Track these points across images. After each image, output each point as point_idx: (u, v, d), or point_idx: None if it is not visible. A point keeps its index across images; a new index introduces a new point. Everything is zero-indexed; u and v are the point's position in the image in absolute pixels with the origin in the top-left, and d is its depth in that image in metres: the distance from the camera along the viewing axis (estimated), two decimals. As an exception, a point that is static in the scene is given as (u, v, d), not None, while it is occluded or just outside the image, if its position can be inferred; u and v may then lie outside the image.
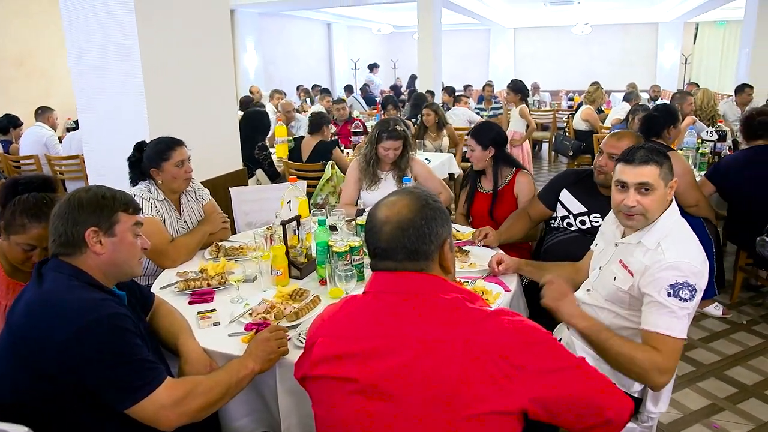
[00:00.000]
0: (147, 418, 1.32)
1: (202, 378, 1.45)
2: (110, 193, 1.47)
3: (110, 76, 2.93)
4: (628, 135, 2.39)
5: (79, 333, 1.26)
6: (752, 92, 6.51)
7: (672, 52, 15.22)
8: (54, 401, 1.30)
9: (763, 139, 3.19)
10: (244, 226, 3.15)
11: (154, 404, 1.31)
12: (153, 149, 2.40)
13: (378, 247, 1.17)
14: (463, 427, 1.04)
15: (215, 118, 3.44)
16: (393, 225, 1.15)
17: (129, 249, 1.47)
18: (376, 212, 1.20)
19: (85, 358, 1.26)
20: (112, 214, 1.43)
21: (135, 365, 1.31)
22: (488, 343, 1.06)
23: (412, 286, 1.15)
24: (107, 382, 1.28)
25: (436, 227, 1.17)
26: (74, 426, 1.34)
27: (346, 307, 1.23)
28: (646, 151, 1.71)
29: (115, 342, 1.29)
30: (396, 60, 17.21)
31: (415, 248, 1.15)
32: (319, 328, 1.23)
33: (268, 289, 2.04)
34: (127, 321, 1.34)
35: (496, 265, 2.11)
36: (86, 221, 1.40)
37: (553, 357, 1.09)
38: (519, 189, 2.87)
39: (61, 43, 3.12)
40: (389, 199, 1.21)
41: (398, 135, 2.97)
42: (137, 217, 1.51)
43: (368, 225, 1.21)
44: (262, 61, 12.25)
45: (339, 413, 1.14)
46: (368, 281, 1.22)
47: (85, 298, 1.32)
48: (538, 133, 9.03)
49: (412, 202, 1.17)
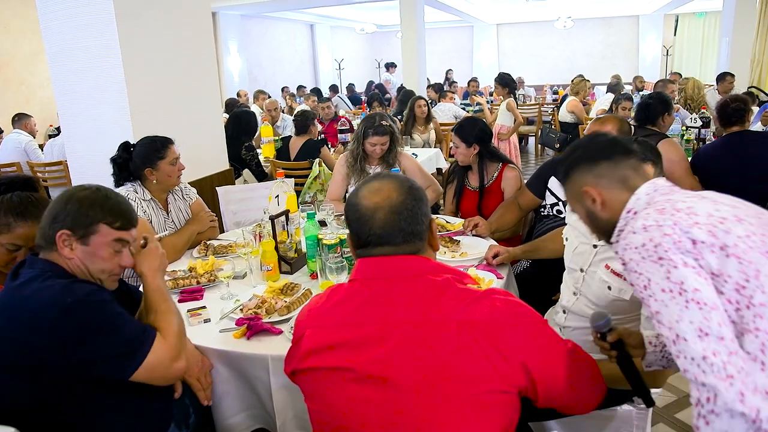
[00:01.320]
0: (156, 377, 1.35)
1: (173, 320, 1.46)
2: (100, 201, 1.40)
3: (91, 78, 2.90)
4: (612, 119, 2.39)
5: (63, 316, 1.24)
6: (733, 80, 6.59)
7: (653, 44, 15.35)
8: (37, 400, 1.28)
9: (738, 125, 3.22)
10: (232, 225, 3.13)
11: (157, 360, 1.34)
12: (146, 148, 2.37)
13: (372, 234, 1.15)
14: (461, 406, 1.03)
15: (200, 118, 3.41)
16: (386, 210, 1.14)
17: (100, 262, 1.40)
18: (360, 201, 1.17)
19: (75, 339, 1.25)
20: (90, 224, 1.38)
21: (125, 330, 1.32)
22: (482, 323, 1.06)
23: (401, 270, 1.13)
24: (104, 355, 1.28)
25: (424, 207, 1.18)
26: (61, 422, 1.32)
27: (333, 296, 1.20)
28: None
29: (100, 315, 1.29)
30: (380, 59, 17.20)
31: (412, 230, 1.14)
32: (307, 320, 1.20)
33: (258, 284, 2.02)
34: (106, 294, 1.34)
35: (492, 258, 2.11)
36: (63, 222, 1.36)
37: (546, 336, 1.12)
38: (506, 184, 2.86)
39: (40, 50, 3.08)
40: (372, 186, 1.19)
41: (384, 130, 2.95)
42: (122, 234, 1.42)
43: (355, 214, 1.17)
44: (246, 64, 12.18)
45: (334, 404, 1.12)
46: (354, 268, 1.19)
47: (58, 284, 1.30)
48: (524, 127, 9.06)
49: (398, 186, 1.17)
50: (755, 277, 1.02)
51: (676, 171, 3.07)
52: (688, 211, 1.11)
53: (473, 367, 1.04)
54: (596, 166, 1.29)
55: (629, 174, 1.26)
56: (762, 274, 1.02)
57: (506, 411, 1.07)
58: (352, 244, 1.21)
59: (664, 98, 3.43)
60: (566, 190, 1.38)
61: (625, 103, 5.00)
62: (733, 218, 1.09)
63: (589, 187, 1.28)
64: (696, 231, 1.06)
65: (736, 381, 0.96)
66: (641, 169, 1.29)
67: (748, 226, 1.08)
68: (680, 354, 1.01)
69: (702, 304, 1.00)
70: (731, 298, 1.03)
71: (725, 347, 0.98)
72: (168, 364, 1.37)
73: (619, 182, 1.26)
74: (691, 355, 0.99)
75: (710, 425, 0.97)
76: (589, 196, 1.29)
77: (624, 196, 1.24)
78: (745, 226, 1.08)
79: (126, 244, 1.45)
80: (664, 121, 3.36)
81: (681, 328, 1.01)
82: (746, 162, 3.07)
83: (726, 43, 8.74)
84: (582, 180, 1.30)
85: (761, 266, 1.02)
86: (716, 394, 0.96)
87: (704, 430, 0.99)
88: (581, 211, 1.35)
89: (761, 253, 1.04)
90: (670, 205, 1.14)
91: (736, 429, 0.95)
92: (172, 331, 1.43)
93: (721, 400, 0.96)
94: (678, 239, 1.06)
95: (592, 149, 1.32)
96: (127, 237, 1.44)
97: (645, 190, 1.23)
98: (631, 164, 1.28)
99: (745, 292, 1.02)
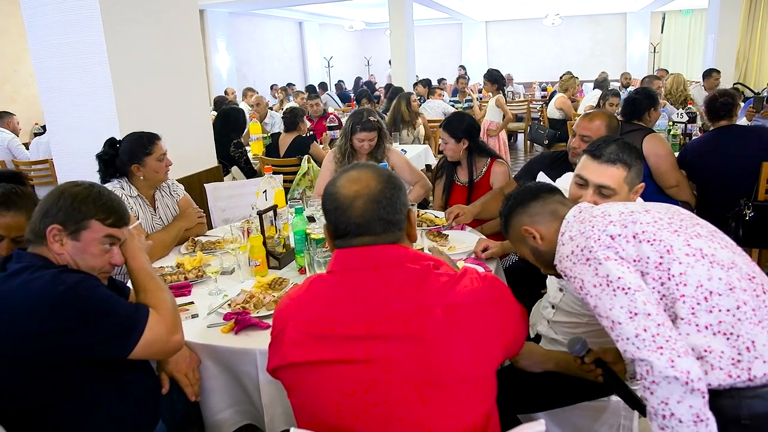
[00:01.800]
0: (155, 351, 1.36)
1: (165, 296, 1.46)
2: (93, 197, 1.39)
3: (76, 75, 2.87)
4: (600, 115, 2.39)
5: (56, 305, 1.23)
6: (719, 77, 6.64)
7: (641, 42, 15.46)
8: (25, 392, 1.27)
9: (726, 119, 3.24)
10: (220, 222, 3.11)
11: (154, 335, 1.34)
12: (133, 144, 2.35)
13: (351, 223, 1.13)
14: (448, 394, 1.05)
15: (188, 116, 3.39)
16: (365, 199, 1.12)
17: (90, 259, 1.39)
18: (339, 190, 1.14)
19: (70, 326, 1.24)
20: (82, 219, 1.37)
21: (119, 311, 1.32)
22: (465, 305, 1.09)
23: (380, 260, 1.12)
24: (102, 337, 1.28)
25: (402, 196, 1.18)
26: (47, 418, 1.31)
27: (313, 288, 1.16)
28: (617, 147, 1.61)
29: (93, 299, 1.28)
30: (369, 57, 17.19)
31: (390, 219, 1.14)
32: (286, 312, 1.16)
33: (246, 280, 2.01)
34: (95, 280, 1.34)
35: (481, 252, 2.11)
36: (55, 217, 1.35)
37: (515, 311, 1.21)
38: (495, 179, 2.86)
39: (25, 48, 3.04)
40: (350, 175, 1.17)
41: (372, 126, 2.94)
42: (114, 231, 1.41)
43: (333, 204, 1.14)
44: (234, 62, 12.12)
45: (318, 398, 1.10)
46: (332, 259, 1.17)
47: (51, 273, 1.29)
48: (513, 123, 9.09)
49: (377, 175, 1.16)
50: (668, 252, 1.18)
51: (663, 165, 3.10)
52: (603, 214, 1.28)
53: (460, 351, 1.05)
54: (528, 207, 1.45)
55: (557, 207, 1.42)
56: (674, 248, 1.18)
57: (490, 393, 1.11)
58: (330, 235, 1.19)
59: (651, 93, 3.45)
60: (509, 236, 1.51)
61: (612, 99, 5.03)
62: (641, 210, 1.28)
63: (527, 226, 1.43)
64: (611, 228, 1.23)
65: (666, 350, 1.09)
66: (567, 201, 1.47)
67: (655, 213, 1.27)
68: (618, 337, 1.14)
69: (626, 289, 1.15)
70: (654, 276, 1.17)
71: (653, 321, 1.12)
72: (166, 338, 1.38)
73: (551, 215, 1.42)
74: (626, 336, 1.12)
75: (654, 394, 1.10)
76: (529, 233, 1.43)
77: (558, 227, 1.38)
78: (652, 214, 1.26)
79: (117, 241, 1.44)
80: (651, 116, 3.38)
81: (614, 314, 1.15)
82: (734, 156, 3.10)
83: (712, 40, 8.82)
84: (519, 222, 1.45)
85: (672, 242, 1.19)
86: (651, 366, 1.08)
87: (651, 399, 1.11)
88: (526, 252, 1.48)
89: (670, 233, 1.21)
90: (588, 214, 1.32)
91: (675, 393, 1.08)
92: (166, 306, 1.43)
93: (656, 370, 1.08)
94: (597, 237, 1.22)
95: (521, 195, 1.48)
96: (119, 234, 1.43)
97: (572, 213, 1.38)
98: (557, 199, 1.45)
99: (662, 267, 1.17)
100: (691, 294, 1.15)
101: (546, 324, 1.84)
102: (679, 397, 1.07)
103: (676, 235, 1.21)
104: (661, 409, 1.09)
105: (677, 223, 1.25)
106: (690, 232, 1.23)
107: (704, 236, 1.24)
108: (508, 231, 1.50)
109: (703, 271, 1.16)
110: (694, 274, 1.16)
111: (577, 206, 1.40)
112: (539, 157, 2.71)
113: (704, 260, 1.18)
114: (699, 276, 1.16)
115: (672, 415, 1.08)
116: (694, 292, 1.15)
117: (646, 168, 3.12)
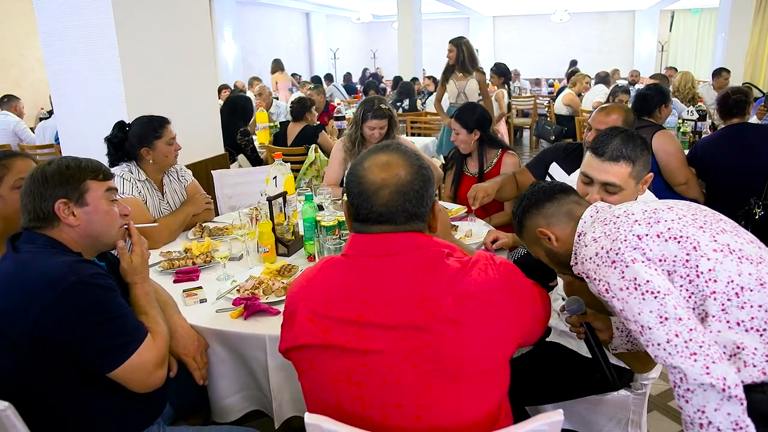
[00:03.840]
0: (134, 379, 1.30)
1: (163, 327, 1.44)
2: (75, 162, 1.40)
3: (85, 58, 2.85)
4: (617, 109, 2.36)
5: (63, 295, 1.21)
6: (729, 76, 6.60)
7: (649, 40, 15.38)
8: (35, 374, 1.26)
9: (738, 117, 3.22)
10: (227, 209, 3.10)
11: (141, 361, 1.30)
12: (143, 127, 2.33)
13: (374, 211, 1.09)
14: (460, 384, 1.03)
15: (196, 102, 3.38)
16: (391, 189, 1.08)
17: (105, 217, 1.41)
18: (366, 174, 1.10)
19: (70, 320, 1.22)
20: (79, 184, 1.37)
21: (118, 323, 1.29)
22: (478, 294, 1.06)
23: (393, 247, 1.10)
24: (91, 344, 1.25)
25: (431, 189, 1.14)
26: (56, 400, 1.30)
27: (326, 271, 1.15)
28: (621, 142, 1.56)
29: (98, 301, 1.26)
30: (375, 50, 17.13)
31: (415, 212, 1.11)
32: (299, 293, 1.15)
33: (255, 266, 2.00)
34: (109, 281, 1.31)
35: (491, 244, 2.10)
36: (54, 194, 1.34)
37: (530, 294, 1.18)
38: (505, 170, 2.83)
39: (31, 32, 3.02)
40: (380, 159, 1.12)
41: (383, 114, 2.92)
42: (109, 183, 1.45)
43: (358, 188, 1.11)
44: (241, 51, 12.07)
45: (329, 382, 1.09)
46: (348, 243, 1.15)
47: (64, 261, 1.28)
48: (519, 119, 9.07)
49: (407, 163, 1.12)
50: (695, 249, 1.14)
51: (672, 162, 3.07)
52: (626, 214, 1.25)
53: (472, 342, 1.03)
54: (543, 208, 1.39)
55: (573, 207, 1.38)
56: (701, 244, 1.15)
57: (503, 383, 1.10)
58: (349, 215, 1.16)
59: (662, 90, 3.42)
60: (523, 238, 1.46)
61: (621, 96, 5.01)
62: (664, 208, 1.25)
63: (543, 228, 1.38)
64: (637, 227, 1.19)
65: (699, 356, 1.05)
66: (582, 201, 1.43)
67: (678, 210, 1.23)
68: (648, 342, 1.11)
69: (656, 293, 1.10)
70: (681, 274, 1.14)
71: (684, 326, 1.08)
72: (151, 369, 1.33)
73: (566, 216, 1.37)
74: (657, 341, 1.09)
75: (690, 403, 1.07)
76: (544, 235, 1.38)
77: (574, 227, 1.35)
78: (676, 211, 1.23)
79: (115, 192, 1.47)
80: (661, 113, 3.35)
81: (643, 319, 1.11)
82: (745, 154, 3.08)
83: (722, 38, 8.77)
84: (534, 224, 1.40)
85: (699, 238, 1.16)
86: (685, 374, 1.05)
87: (686, 408, 1.08)
88: (540, 253, 1.44)
89: (695, 228, 1.18)
90: (610, 215, 1.28)
91: (711, 400, 1.04)
92: (161, 337, 1.41)
93: (690, 377, 1.05)
94: (624, 238, 1.18)
95: (535, 196, 1.42)
96: (114, 186, 1.47)
97: (588, 213, 1.35)
98: (573, 199, 1.41)
99: (690, 264, 1.14)
100: (721, 290, 1.11)
101: (556, 317, 1.83)
102: (716, 404, 1.04)
103: (702, 231, 1.17)
104: (697, 417, 1.05)
105: (701, 219, 1.22)
106: (715, 227, 1.20)
107: (729, 231, 1.21)
108: (522, 232, 1.45)
109: (732, 267, 1.13)
110: (723, 270, 1.12)
111: (593, 206, 1.36)
112: (553, 148, 2.69)
113: (732, 255, 1.14)
114: (729, 271, 1.12)
115: (710, 423, 1.04)
116: (725, 288, 1.11)
117: (655, 164, 3.10)
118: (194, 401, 1.70)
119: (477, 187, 2.36)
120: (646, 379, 1.72)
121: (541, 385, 1.74)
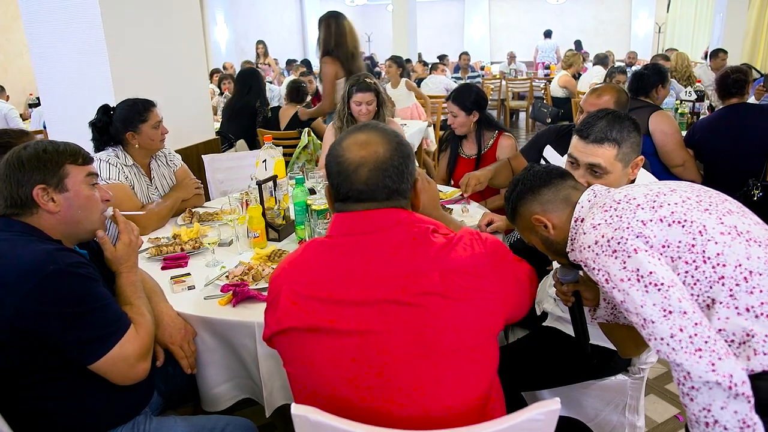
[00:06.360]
0: (115, 371, 1.27)
1: (148, 318, 1.40)
2: (52, 146, 1.34)
3: (69, 41, 2.77)
4: (608, 90, 2.31)
5: (41, 285, 1.17)
6: (726, 57, 6.55)
7: (646, 21, 15.23)
8: (17, 365, 1.22)
9: (737, 96, 3.17)
10: (218, 194, 3.05)
11: (123, 353, 1.26)
12: (128, 111, 2.26)
13: (354, 189, 1.08)
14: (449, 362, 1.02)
15: (186, 86, 3.30)
16: (370, 166, 1.07)
17: (86, 203, 1.36)
18: (344, 153, 1.09)
19: (48, 311, 1.18)
20: (58, 168, 1.32)
21: (99, 313, 1.24)
22: (464, 269, 1.04)
23: (376, 223, 1.07)
24: (71, 335, 1.21)
25: (411, 165, 1.12)
26: (39, 392, 1.26)
27: (309, 252, 1.12)
28: (606, 124, 1.53)
29: (78, 291, 1.21)
30: (370, 33, 16.93)
31: (396, 188, 1.09)
32: (283, 276, 1.12)
33: (244, 252, 1.96)
34: (90, 269, 1.27)
35: (486, 227, 2.06)
36: (31, 180, 1.29)
37: (516, 269, 1.16)
38: (501, 153, 2.79)
39: (17, 17, 2.95)
40: (357, 138, 1.11)
41: (368, 86, 2.83)
42: (89, 168, 1.39)
43: (337, 167, 1.09)
44: (233, 35, 11.90)
45: (314, 366, 1.05)
46: (331, 224, 1.13)
47: (43, 249, 1.23)
48: (515, 101, 9.00)
49: (385, 140, 1.10)
50: (701, 234, 1.08)
51: (669, 143, 3.03)
52: (627, 198, 1.17)
53: (458, 318, 1.02)
54: (539, 194, 1.32)
55: (570, 193, 1.31)
56: (707, 228, 1.09)
57: (491, 361, 1.08)
58: (330, 197, 1.15)
59: (660, 69, 3.36)
60: (517, 224, 1.39)
61: (619, 77, 4.94)
62: (667, 190, 1.18)
63: (538, 215, 1.31)
64: (640, 212, 1.13)
65: (705, 352, 1.00)
66: (579, 186, 1.35)
67: (682, 192, 1.17)
68: (651, 336, 1.05)
69: (659, 285, 1.04)
70: (687, 260, 1.08)
71: (689, 320, 1.02)
72: (133, 362, 1.29)
73: (563, 202, 1.30)
74: (660, 335, 1.03)
75: (695, 401, 1.02)
76: (540, 223, 1.31)
77: (570, 213, 1.28)
78: (679, 193, 1.16)
79: (96, 177, 1.42)
80: (658, 93, 3.30)
81: (645, 311, 1.05)
82: (744, 134, 3.03)
83: (720, 19, 8.67)
84: (529, 211, 1.32)
85: (704, 221, 1.09)
86: (689, 371, 1.00)
87: (691, 406, 1.03)
88: (536, 240, 1.37)
89: (700, 212, 1.11)
90: (610, 199, 1.20)
91: (717, 399, 1.00)
92: (145, 329, 1.36)
93: (695, 375, 1.00)
94: (627, 225, 1.11)
95: (530, 181, 1.34)
96: (94, 170, 1.41)
97: (586, 197, 1.27)
98: (570, 184, 1.33)
99: (696, 249, 1.08)
100: (730, 275, 1.05)
101: (552, 302, 1.80)
102: (723, 402, 0.99)
103: (707, 214, 1.11)
104: (703, 416, 1.02)
105: (706, 201, 1.15)
106: (721, 209, 1.13)
107: (736, 212, 1.14)
108: (516, 219, 1.37)
109: (741, 250, 1.06)
110: (731, 254, 1.06)
111: (591, 190, 1.29)
112: (547, 131, 2.64)
113: (740, 238, 1.08)
114: (737, 255, 1.06)
115: (716, 422, 1.00)
116: (733, 272, 1.05)
117: (651, 146, 3.05)
118: (184, 389, 1.66)
119: (470, 175, 2.35)
120: (644, 363, 1.70)
121: (538, 370, 1.71)
